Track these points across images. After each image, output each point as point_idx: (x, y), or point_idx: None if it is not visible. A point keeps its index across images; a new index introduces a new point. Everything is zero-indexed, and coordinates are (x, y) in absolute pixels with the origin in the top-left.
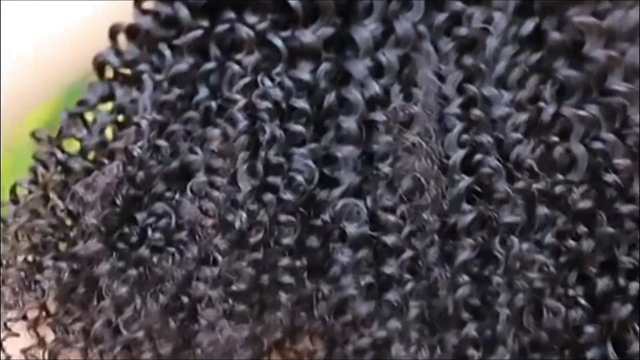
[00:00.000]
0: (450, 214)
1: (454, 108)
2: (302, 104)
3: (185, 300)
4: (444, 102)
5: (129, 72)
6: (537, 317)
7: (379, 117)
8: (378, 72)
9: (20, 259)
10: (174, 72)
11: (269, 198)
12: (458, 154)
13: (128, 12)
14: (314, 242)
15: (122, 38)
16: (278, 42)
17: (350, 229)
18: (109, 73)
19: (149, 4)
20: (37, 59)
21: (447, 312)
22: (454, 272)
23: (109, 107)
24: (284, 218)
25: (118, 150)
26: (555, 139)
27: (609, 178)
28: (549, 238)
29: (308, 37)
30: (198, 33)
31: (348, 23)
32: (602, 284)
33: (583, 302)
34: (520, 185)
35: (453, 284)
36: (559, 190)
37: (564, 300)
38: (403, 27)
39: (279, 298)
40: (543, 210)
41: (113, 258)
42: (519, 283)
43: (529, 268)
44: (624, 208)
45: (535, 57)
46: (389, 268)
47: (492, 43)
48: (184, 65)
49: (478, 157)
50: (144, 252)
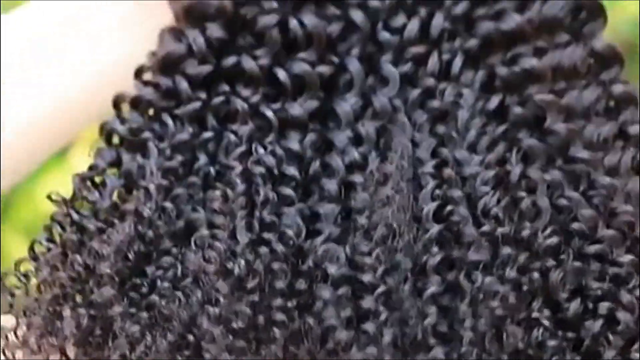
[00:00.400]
0: (421, 256)
1: (428, 168)
2: (292, 171)
3: (191, 338)
4: (418, 163)
5: (134, 139)
6: (499, 340)
7: (358, 179)
8: (357, 140)
9: (43, 309)
10: (176, 140)
11: (264, 250)
12: (430, 206)
13: (115, 82)
14: (302, 284)
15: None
16: (269, 113)
17: (332, 270)
18: (116, 140)
19: (148, 75)
20: (32, 127)
21: (417, 338)
22: (424, 304)
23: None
24: (277, 266)
25: (129, 212)
26: (523, 194)
27: (575, 226)
28: (511, 273)
29: (296, 109)
30: (197, 104)
31: (331, 97)
32: (572, 308)
33: (546, 323)
34: (486, 229)
35: (422, 314)
36: (525, 234)
37: (527, 324)
38: (380, 101)
39: (273, 334)
40: (507, 250)
41: (125, 303)
42: (483, 311)
43: (492, 299)
44: (590, 248)
45: (501, 128)
46: (366, 302)
47: (463, 115)
48: (185, 135)
49: (449, 208)
50: (154, 298)
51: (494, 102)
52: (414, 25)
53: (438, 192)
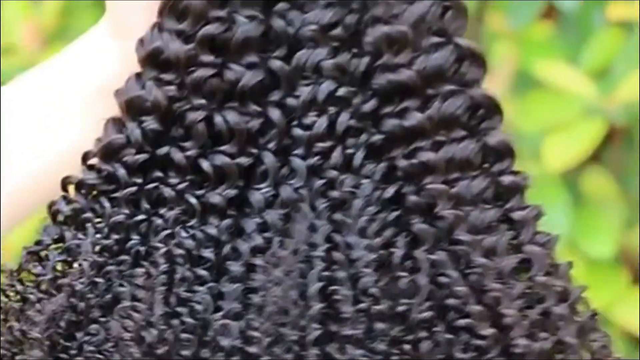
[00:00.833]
0: (305, 330)
1: (320, 252)
2: (207, 254)
3: None
4: (312, 247)
5: (76, 219)
6: None
7: (259, 262)
8: (264, 227)
9: None
10: (113, 221)
11: (175, 322)
12: (315, 286)
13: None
14: (206, 353)
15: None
16: (193, 200)
17: (224, 342)
18: (61, 218)
19: (94, 160)
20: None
21: None
22: None
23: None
24: (184, 336)
25: (65, 285)
26: (404, 274)
27: (450, 301)
28: (381, 345)
29: (216, 198)
30: (133, 189)
31: (249, 185)
32: None
33: None
34: (363, 307)
35: None
36: (400, 309)
37: None
38: (287, 191)
39: None
40: (380, 325)
41: None
42: None
43: None
44: (460, 322)
45: (394, 214)
46: None
47: (358, 203)
48: (121, 216)
49: (332, 288)
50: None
51: (390, 191)
52: (322, 123)
53: (325, 273)
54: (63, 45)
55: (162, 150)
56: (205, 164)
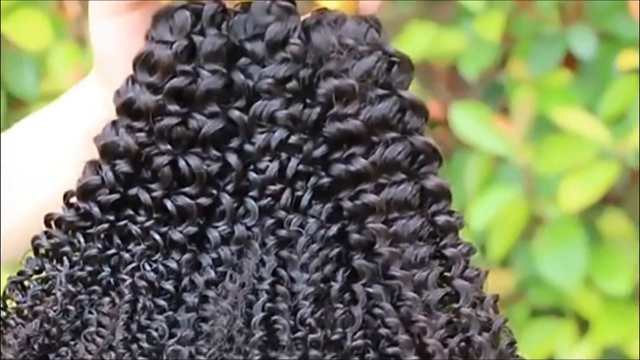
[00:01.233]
0: (248, 355)
1: (265, 285)
2: (167, 286)
3: None
4: (259, 281)
5: (55, 252)
6: None
7: (211, 294)
8: (218, 262)
9: None
10: (86, 255)
11: (134, 346)
12: (259, 316)
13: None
14: None
15: None
16: (157, 237)
17: None
18: (42, 251)
19: (73, 199)
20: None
21: None
22: None
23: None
24: (140, 359)
25: (40, 312)
26: (339, 306)
27: (382, 331)
28: None
29: (177, 235)
30: (105, 226)
31: (210, 223)
32: None
33: None
34: (299, 335)
35: None
36: (335, 338)
37: None
38: (240, 229)
39: None
40: (314, 352)
41: None
42: None
43: None
44: (389, 350)
45: (336, 251)
46: None
47: (302, 241)
48: (94, 250)
49: (274, 318)
50: None
51: (334, 229)
52: (274, 167)
53: (269, 304)
54: None
55: (132, 191)
56: (169, 204)
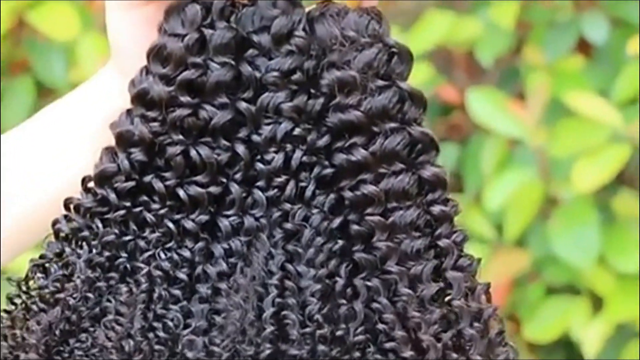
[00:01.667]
0: (259, 347)
1: (274, 280)
2: (182, 275)
3: None
4: (269, 275)
5: (74, 236)
6: None
7: (223, 286)
8: (230, 253)
9: None
10: (104, 240)
11: (151, 335)
12: (270, 311)
13: None
14: None
15: None
16: (170, 225)
17: (190, 355)
18: (62, 234)
19: (91, 184)
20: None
21: None
22: None
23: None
24: (158, 347)
25: (61, 299)
26: (343, 302)
27: (380, 327)
28: None
29: (189, 223)
30: (122, 212)
31: (218, 212)
32: None
33: None
34: (308, 331)
35: None
36: (339, 333)
37: None
38: (249, 220)
39: None
40: (322, 347)
41: None
42: None
43: None
44: (387, 345)
45: (339, 244)
46: None
47: (307, 234)
48: (111, 236)
49: (283, 313)
50: None
51: (336, 222)
52: (279, 159)
53: (278, 299)
54: None
55: (147, 178)
56: (182, 193)
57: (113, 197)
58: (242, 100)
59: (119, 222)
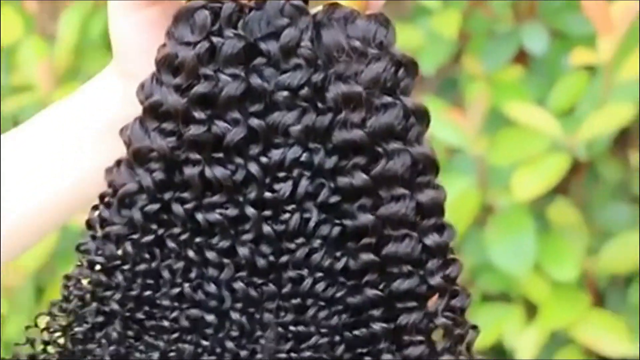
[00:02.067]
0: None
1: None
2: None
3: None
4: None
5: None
6: None
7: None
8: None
9: None
10: (137, 270)
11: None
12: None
13: None
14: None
15: None
16: (191, 254)
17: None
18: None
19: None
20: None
21: None
22: None
23: None
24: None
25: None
26: None
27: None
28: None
29: (211, 254)
30: (151, 237)
31: (237, 235)
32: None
33: None
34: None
35: None
36: None
37: None
38: (261, 262)
39: None
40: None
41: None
42: None
43: None
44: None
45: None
46: None
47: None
48: (143, 265)
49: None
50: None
51: (342, 262)
52: (287, 189)
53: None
54: (75, 85)
55: (166, 196)
56: (200, 217)
57: (138, 218)
58: (253, 117)
59: (148, 244)
